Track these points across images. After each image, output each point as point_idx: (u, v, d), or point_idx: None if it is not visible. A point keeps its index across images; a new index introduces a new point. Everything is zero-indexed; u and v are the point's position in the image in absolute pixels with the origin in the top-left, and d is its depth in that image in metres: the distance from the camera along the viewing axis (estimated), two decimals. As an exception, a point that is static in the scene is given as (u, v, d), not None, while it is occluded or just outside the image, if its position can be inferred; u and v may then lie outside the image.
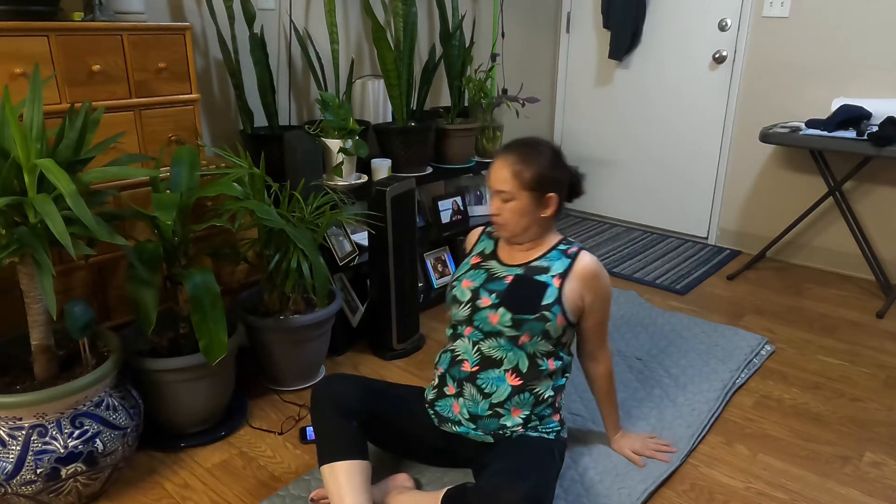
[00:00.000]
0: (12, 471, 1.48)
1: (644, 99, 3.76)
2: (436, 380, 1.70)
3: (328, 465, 1.51)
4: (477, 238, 1.80)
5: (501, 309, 1.58)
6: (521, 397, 1.60)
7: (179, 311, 1.87)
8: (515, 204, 1.58)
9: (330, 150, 2.43)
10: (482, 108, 3.00)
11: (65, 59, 1.71)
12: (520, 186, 1.57)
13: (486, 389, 1.60)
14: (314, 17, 2.68)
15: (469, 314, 1.63)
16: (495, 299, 1.60)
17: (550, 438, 1.63)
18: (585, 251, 1.66)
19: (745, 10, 3.27)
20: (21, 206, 1.42)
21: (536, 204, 1.60)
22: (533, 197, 1.58)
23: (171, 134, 1.96)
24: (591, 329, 1.69)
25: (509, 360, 1.59)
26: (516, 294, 1.59)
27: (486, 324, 1.60)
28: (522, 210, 1.59)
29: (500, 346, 1.60)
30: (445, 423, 1.66)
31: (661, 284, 3.11)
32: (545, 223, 1.65)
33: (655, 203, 3.88)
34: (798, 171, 3.31)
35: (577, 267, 1.62)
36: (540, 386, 1.62)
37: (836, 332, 2.65)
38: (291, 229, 1.88)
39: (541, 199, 1.60)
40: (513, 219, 1.60)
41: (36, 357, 1.58)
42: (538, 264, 1.64)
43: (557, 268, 1.62)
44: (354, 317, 2.47)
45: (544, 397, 1.62)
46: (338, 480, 1.49)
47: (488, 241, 1.76)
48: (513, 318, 1.57)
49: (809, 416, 2.07)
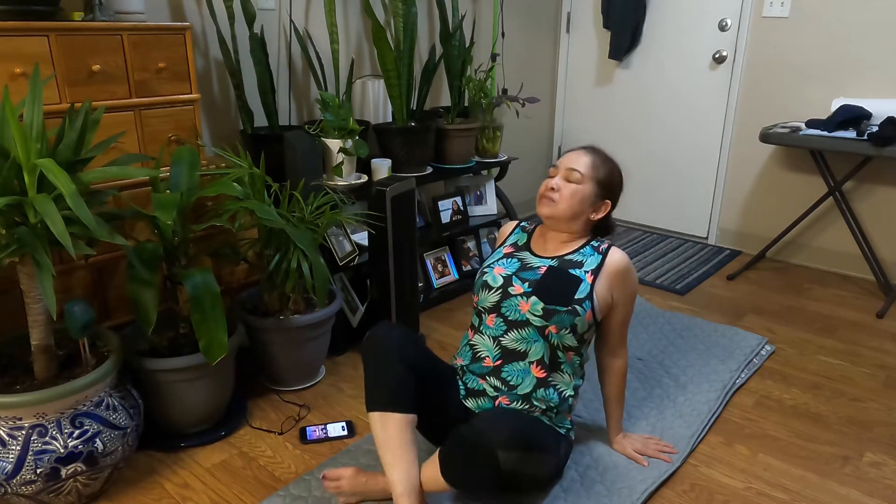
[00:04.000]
0: (12, 471, 1.48)
1: (644, 99, 3.76)
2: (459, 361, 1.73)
3: (380, 414, 1.51)
4: (511, 231, 1.84)
5: (534, 298, 1.61)
6: (545, 392, 1.62)
7: (179, 311, 1.87)
8: (579, 187, 1.64)
9: (330, 150, 2.43)
10: (482, 108, 3.00)
11: (65, 59, 1.71)
12: (592, 176, 1.65)
13: (512, 381, 1.62)
14: (314, 17, 2.68)
15: (498, 300, 1.65)
16: (528, 288, 1.63)
17: (560, 433, 1.66)
18: (616, 247, 1.69)
19: (745, 10, 3.27)
20: (21, 206, 1.42)
21: (594, 200, 1.67)
22: (596, 192, 1.66)
23: (171, 134, 1.96)
24: (615, 325, 1.72)
25: (534, 352, 1.61)
26: (550, 285, 1.62)
27: (515, 311, 1.62)
28: (582, 196, 1.65)
29: (524, 337, 1.61)
30: (470, 396, 1.67)
31: (661, 284, 3.11)
32: (588, 225, 1.71)
33: (655, 203, 3.88)
34: (798, 171, 3.31)
35: (608, 263, 1.66)
36: (562, 383, 1.64)
37: (836, 332, 2.65)
38: (291, 229, 1.88)
39: (600, 199, 1.68)
40: (568, 200, 1.64)
41: (36, 357, 1.58)
42: (572, 258, 1.67)
43: (590, 263, 1.65)
44: (354, 317, 2.47)
45: (565, 395, 1.65)
46: (389, 431, 1.50)
47: (522, 234, 1.81)
48: (544, 308, 1.59)
49: (809, 416, 2.07)
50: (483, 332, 1.68)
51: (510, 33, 3.63)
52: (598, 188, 1.66)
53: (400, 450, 1.49)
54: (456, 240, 3.02)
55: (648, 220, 3.93)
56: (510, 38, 3.64)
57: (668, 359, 2.37)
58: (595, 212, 1.69)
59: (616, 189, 1.71)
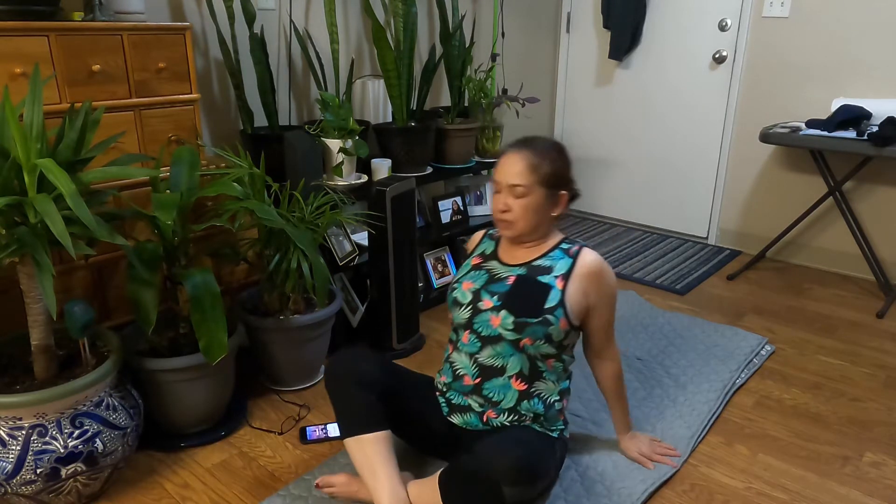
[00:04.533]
0: (12, 471, 1.48)
1: (644, 99, 3.76)
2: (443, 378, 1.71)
3: (354, 439, 1.52)
4: (479, 240, 1.80)
5: (503, 311, 1.56)
6: (529, 403, 1.60)
7: (179, 311, 1.87)
8: (529, 200, 1.54)
9: (330, 150, 2.43)
10: (482, 108, 3.00)
11: (65, 59, 1.71)
12: (536, 181, 1.53)
13: (494, 398, 1.60)
14: (314, 17, 2.68)
15: (469, 317, 1.62)
16: (497, 301, 1.58)
17: (554, 437, 1.64)
18: (588, 248, 1.63)
19: (745, 10, 3.27)
20: (21, 206, 1.42)
21: (549, 201, 1.58)
22: (547, 193, 1.56)
23: (171, 134, 1.96)
24: (597, 328, 1.66)
25: (512, 366, 1.58)
26: (518, 296, 1.57)
27: (487, 327, 1.59)
28: (536, 206, 1.55)
29: (499, 352, 1.58)
30: (455, 413, 1.66)
31: (661, 284, 3.11)
32: (552, 222, 1.63)
33: (655, 203, 3.88)
34: (798, 171, 3.31)
35: (579, 266, 1.59)
36: (545, 390, 1.62)
37: (836, 332, 2.65)
38: (291, 229, 1.88)
39: (553, 197, 1.58)
40: (524, 216, 1.56)
41: (36, 357, 1.58)
42: (540, 263, 1.61)
43: (560, 268, 1.59)
44: (354, 317, 2.47)
45: (551, 402, 1.62)
46: (366, 452, 1.51)
47: (489, 243, 1.75)
48: (515, 322, 1.55)
49: (809, 416, 2.07)
50: (460, 349, 1.65)
51: (510, 33, 3.64)
52: (547, 189, 1.56)
53: (381, 468, 1.50)
54: (456, 240, 3.02)
55: (648, 220, 3.93)
56: (510, 38, 3.64)
57: (668, 359, 2.37)
58: (554, 208, 1.60)
59: (565, 175, 1.60)
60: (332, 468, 1.78)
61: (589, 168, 4.10)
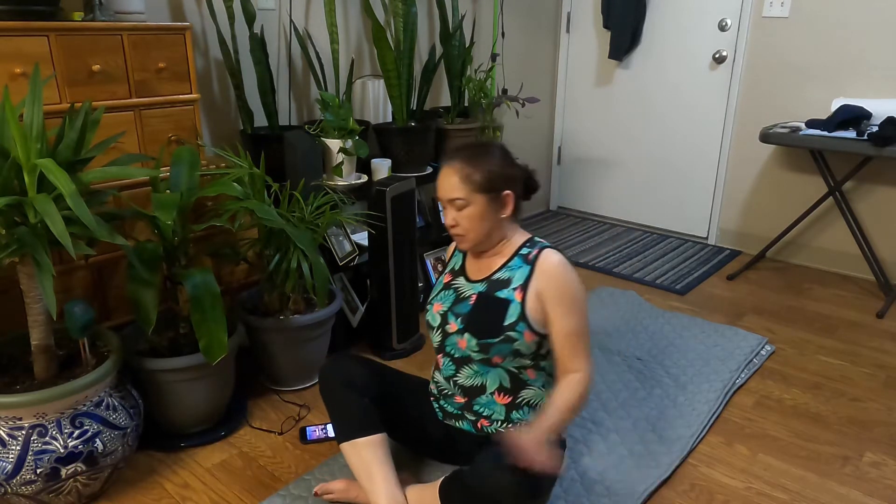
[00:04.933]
0: (12, 471, 1.48)
1: (644, 99, 3.76)
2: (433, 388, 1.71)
3: (349, 443, 1.53)
4: (451, 253, 1.75)
5: (466, 334, 1.53)
6: (518, 413, 1.59)
7: (179, 311, 1.87)
8: (472, 210, 1.49)
9: (330, 150, 2.43)
10: (482, 108, 3.00)
11: (65, 59, 1.71)
12: (473, 190, 1.48)
13: (485, 413, 1.60)
14: (314, 17, 2.68)
15: (441, 340, 1.61)
16: (461, 324, 1.55)
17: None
18: (550, 250, 1.53)
19: (745, 10, 3.27)
20: (21, 206, 1.42)
21: (493, 205, 1.51)
22: (488, 199, 1.49)
23: (171, 134, 1.96)
24: (556, 338, 1.50)
25: (492, 382, 1.57)
26: (478, 316, 1.53)
27: (457, 349, 1.58)
28: (480, 215, 1.50)
29: (475, 371, 1.57)
30: (449, 419, 1.66)
31: (661, 284, 3.11)
32: (506, 225, 1.56)
33: (655, 203, 3.88)
34: (798, 171, 3.31)
35: (537, 271, 1.51)
36: (533, 396, 1.60)
37: (836, 332, 2.65)
38: (291, 229, 1.88)
39: (497, 200, 1.51)
40: (472, 226, 1.50)
41: (36, 357, 1.58)
42: (500, 276, 1.55)
43: (518, 278, 1.52)
44: (354, 317, 2.47)
45: (540, 406, 1.61)
46: (362, 456, 1.51)
47: (458, 256, 1.70)
48: (479, 343, 1.51)
49: (809, 416, 2.07)
50: (442, 370, 1.64)
51: (510, 33, 3.63)
52: (487, 194, 1.49)
53: (378, 472, 1.50)
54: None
55: (648, 220, 3.93)
56: (510, 38, 3.64)
57: (668, 359, 2.37)
58: (502, 210, 1.53)
59: (504, 175, 1.50)
60: (332, 468, 1.78)
61: (589, 168, 4.10)
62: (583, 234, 3.88)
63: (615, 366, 2.32)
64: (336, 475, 1.75)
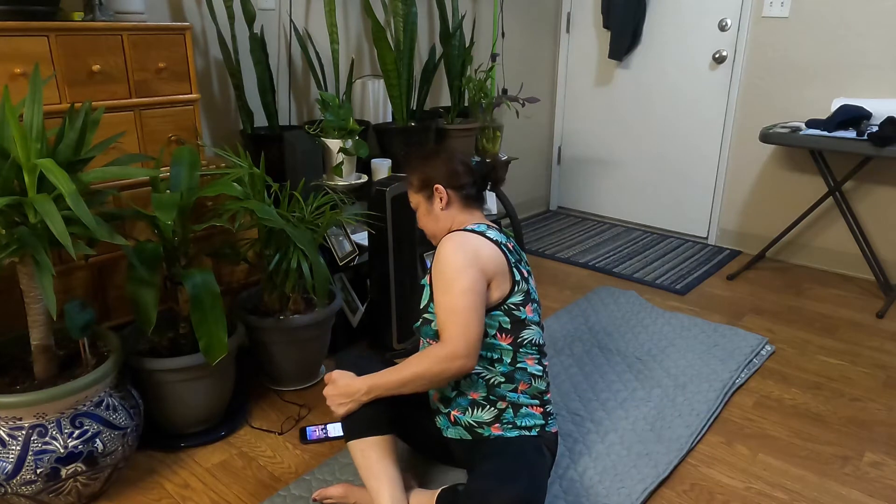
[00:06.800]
0: (12, 471, 1.48)
1: (644, 99, 3.76)
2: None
3: (357, 441, 1.54)
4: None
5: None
6: (469, 379, 1.55)
7: (179, 311, 1.87)
8: (420, 210, 1.70)
9: (330, 150, 2.43)
10: (482, 108, 3.00)
11: (65, 59, 1.71)
12: (414, 192, 1.70)
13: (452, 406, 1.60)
14: (314, 17, 2.68)
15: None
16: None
17: (534, 435, 1.56)
18: (455, 233, 1.56)
19: (745, 10, 3.27)
20: (21, 206, 1.42)
21: (429, 201, 1.68)
22: (425, 196, 1.68)
23: (171, 134, 1.96)
24: (436, 314, 1.51)
25: None
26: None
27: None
28: (425, 212, 1.69)
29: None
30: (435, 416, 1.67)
31: (661, 284, 3.11)
32: (452, 215, 1.66)
33: (655, 203, 3.88)
34: (798, 171, 3.31)
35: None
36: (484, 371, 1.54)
37: (836, 332, 2.65)
38: (291, 229, 1.88)
39: (430, 195, 1.67)
40: (425, 223, 1.70)
41: (36, 357, 1.58)
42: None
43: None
44: (354, 317, 2.47)
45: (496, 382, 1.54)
46: (367, 455, 1.52)
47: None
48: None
49: (809, 416, 2.07)
50: None
51: (510, 33, 3.64)
52: (422, 192, 1.68)
53: (383, 472, 1.50)
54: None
55: (648, 220, 3.93)
56: (510, 38, 3.64)
57: (668, 359, 2.37)
58: (440, 202, 1.64)
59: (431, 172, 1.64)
60: (332, 468, 1.78)
61: (589, 168, 4.11)
62: (583, 234, 3.88)
63: (615, 366, 2.32)
64: (336, 475, 1.75)
